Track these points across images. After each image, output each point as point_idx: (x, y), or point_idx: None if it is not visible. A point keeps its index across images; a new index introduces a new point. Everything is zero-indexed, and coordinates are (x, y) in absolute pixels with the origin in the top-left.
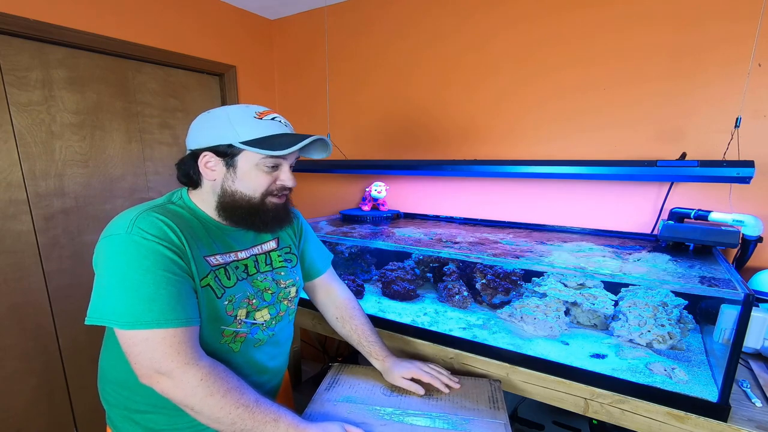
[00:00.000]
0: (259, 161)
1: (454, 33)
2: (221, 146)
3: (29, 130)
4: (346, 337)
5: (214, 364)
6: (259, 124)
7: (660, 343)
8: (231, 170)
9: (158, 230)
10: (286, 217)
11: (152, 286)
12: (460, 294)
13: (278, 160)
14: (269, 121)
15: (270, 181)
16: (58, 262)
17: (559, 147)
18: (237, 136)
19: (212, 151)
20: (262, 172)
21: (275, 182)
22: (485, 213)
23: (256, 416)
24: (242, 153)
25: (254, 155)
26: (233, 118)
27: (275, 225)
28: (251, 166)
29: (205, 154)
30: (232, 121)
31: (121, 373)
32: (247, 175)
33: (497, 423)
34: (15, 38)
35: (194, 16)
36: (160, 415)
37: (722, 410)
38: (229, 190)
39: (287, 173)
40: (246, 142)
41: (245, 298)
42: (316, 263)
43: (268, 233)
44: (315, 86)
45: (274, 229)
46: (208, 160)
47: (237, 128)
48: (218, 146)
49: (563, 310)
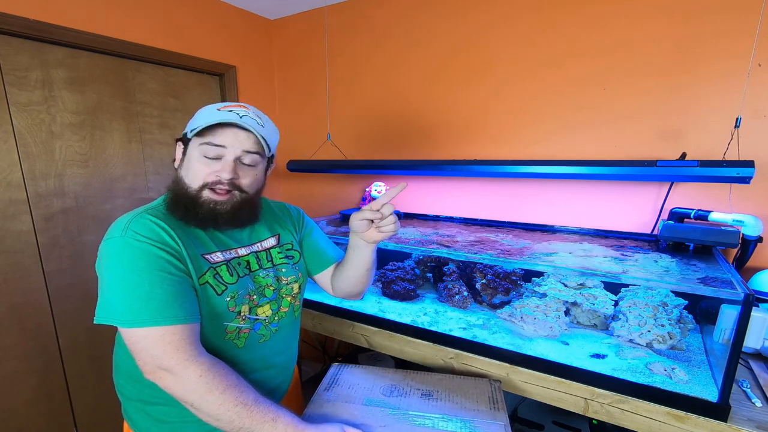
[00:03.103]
0: (197, 148)
1: (453, 30)
2: (184, 135)
3: (29, 130)
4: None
5: (214, 361)
6: (213, 114)
7: (660, 343)
8: (183, 158)
9: (151, 232)
10: (234, 218)
11: (147, 285)
12: (460, 294)
13: (215, 148)
14: (224, 112)
15: (207, 172)
16: (58, 262)
17: (559, 146)
18: (192, 124)
19: (180, 140)
20: (199, 161)
21: (213, 173)
22: (485, 213)
23: (254, 415)
24: (191, 140)
25: (195, 142)
26: (201, 110)
27: (213, 223)
28: (194, 154)
29: (178, 144)
30: (198, 113)
31: (131, 366)
32: (189, 163)
33: (497, 423)
34: (15, 38)
35: (194, 16)
36: (170, 407)
37: (722, 410)
38: (178, 177)
39: (226, 164)
40: (192, 129)
41: (247, 294)
42: (328, 252)
43: (211, 229)
44: (315, 86)
45: (215, 227)
46: (179, 151)
47: (196, 118)
48: (184, 135)
49: (563, 310)
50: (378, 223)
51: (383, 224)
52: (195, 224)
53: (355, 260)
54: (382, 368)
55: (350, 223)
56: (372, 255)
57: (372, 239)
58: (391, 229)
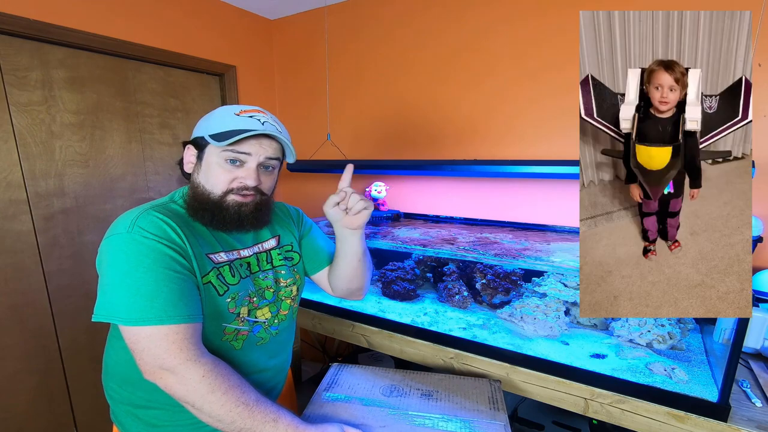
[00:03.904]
0: (219, 155)
1: (454, 31)
2: (197, 138)
3: (29, 130)
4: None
5: (216, 362)
6: (232, 119)
7: (660, 343)
8: (199, 163)
9: (158, 229)
10: (253, 218)
11: (153, 283)
12: (460, 294)
13: (239, 155)
14: (243, 118)
15: (230, 178)
16: (58, 262)
17: (561, 146)
18: (208, 129)
19: (192, 143)
20: (222, 167)
21: (236, 180)
22: (485, 213)
23: (255, 415)
24: (208, 146)
25: (216, 149)
26: (215, 113)
27: (237, 225)
28: (214, 160)
29: (189, 147)
30: (212, 116)
31: (124, 369)
32: (209, 169)
33: (497, 423)
34: (15, 38)
35: (194, 16)
36: (162, 411)
37: (722, 410)
38: (195, 182)
39: (250, 171)
40: (211, 134)
41: (247, 296)
42: (326, 250)
43: (233, 231)
44: (315, 86)
45: (239, 229)
46: (190, 153)
47: (211, 121)
48: (196, 138)
49: (563, 310)
50: (345, 204)
51: (350, 204)
52: (222, 228)
53: (344, 251)
54: (382, 368)
55: (325, 214)
56: (360, 243)
57: (350, 225)
58: (360, 207)
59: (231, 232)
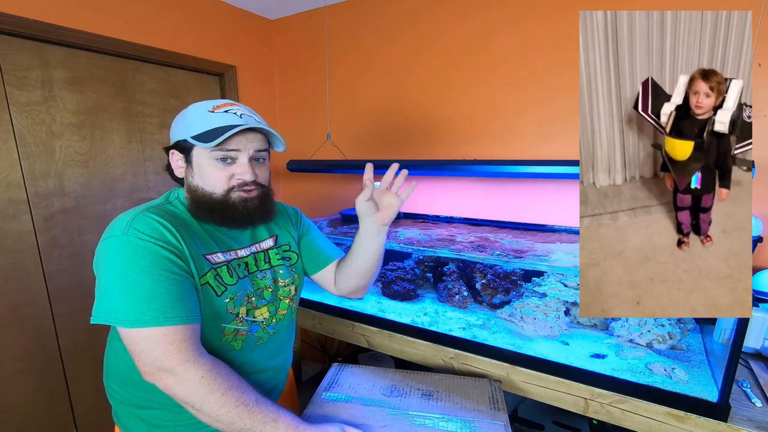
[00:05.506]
0: (208, 155)
1: (454, 31)
2: (180, 142)
3: (29, 130)
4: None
5: (215, 362)
6: (210, 117)
7: (660, 343)
8: (190, 166)
9: (155, 231)
10: (262, 211)
11: (150, 285)
12: (460, 294)
13: (228, 152)
14: (221, 114)
15: (227, 176)
16: (58, 262)
17: (562, 147)
18: (188, 130)
19: (176, 148)
20: (215, 167)
21: (233, 177)
22: (485, 213)
23: (255, 416)
24: (194, 148)
25: (204, 150)
26: (189, 113)
27: (248, 220)
28: (204, 161)
29: (173, 152)
30: (186, 117)
31: (125, 369)
32: (203, 170)
33: (497, 423)
34: (15, 38)
35: (194, 16)
36: (164, 411)
37: (722, 410)
38: (192, 186)
39: (244, 166)
40: (194, 136)
41: (245, 296)
42: (326, 250)
43: (247, 228)
44: (315, 86)
45: (249, 225)
46: (176, 158)
47: (189, 123)
48: (179, 142)
49: (563, 310)
50: (387, 185)
51: (396, 185)
52: (233, 225)
53: (367, 246)
54: (382, 368)
55: (357, 209)
56: (383, 241)
57: (381, 220)
58: (399, 183)
59: (238, 230)
